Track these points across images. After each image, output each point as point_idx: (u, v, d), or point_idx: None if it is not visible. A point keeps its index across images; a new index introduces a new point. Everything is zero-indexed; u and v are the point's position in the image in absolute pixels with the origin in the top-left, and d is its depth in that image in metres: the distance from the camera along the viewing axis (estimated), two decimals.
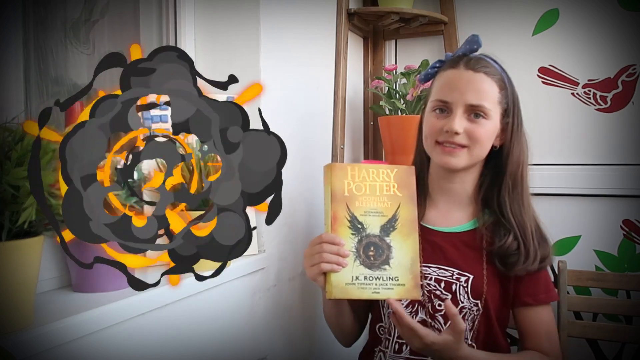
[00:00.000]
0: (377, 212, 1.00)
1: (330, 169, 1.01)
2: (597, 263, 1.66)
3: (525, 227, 1.07)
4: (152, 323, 0.94)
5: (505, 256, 1.06)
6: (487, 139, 1.07)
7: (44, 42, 1.06)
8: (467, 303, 1.06)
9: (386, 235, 1.00)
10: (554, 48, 1.69)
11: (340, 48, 1.58)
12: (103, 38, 1.21)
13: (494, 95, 1.06)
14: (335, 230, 0.98)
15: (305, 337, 1.46)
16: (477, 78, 1.05)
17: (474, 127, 1.05)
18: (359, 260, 0.98)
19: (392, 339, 1.10)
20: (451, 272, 1.08)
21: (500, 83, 1.07)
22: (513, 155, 1.10)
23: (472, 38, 1.12)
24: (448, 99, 1.06)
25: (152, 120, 1.14)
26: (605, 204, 1.64)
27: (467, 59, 1.09)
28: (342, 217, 0.99)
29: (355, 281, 0.97)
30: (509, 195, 1.09)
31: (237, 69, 1.28)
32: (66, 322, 0.77)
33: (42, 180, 0.68)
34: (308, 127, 1.49)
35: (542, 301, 1.10)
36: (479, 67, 1.06)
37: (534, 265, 1.06)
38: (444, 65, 1.12)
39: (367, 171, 1.01)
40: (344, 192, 1.00)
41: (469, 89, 1.05)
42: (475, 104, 1.04)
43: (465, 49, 1.11)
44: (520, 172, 1.10)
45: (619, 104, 1.63)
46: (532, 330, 1.10)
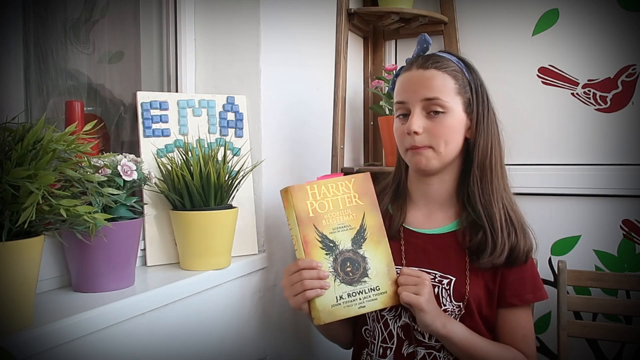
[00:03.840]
0: (345, 226, 0.99)
1: (289, 192, 0.98)
2: (597, 263, 1.66)
3: (493, 217, 1.05)
4: (152, 323, 0.94)
5: (478, 251, 1.05)
6: (452, 135, 1.05)
7: (44, 42, 1.06)
8: (450, 306, 1.05)
9: (359, 247, 0.99)
10: (553, 48, 1.69)
11: (340, 48, 1.58)
12: (103, 38, 1.21)
13: (449, 88, 1.05)
14: (309, 253, 0.96)
15: (305, 337, 1.46)
16: (427, 75, 1.05)
17: (433, 125, 1.04)
18: (339, 279, 0.97)
19: (377, 342, 1.10)
20: (433, 274, 1.06)
21: (455, 74, 1.06)
22: (479, 145, 1.07)
23: (421, 37, 1.12)
24: (403, 99, 1.06)
25: (152, 120, 1.14)
26: (605, 204, 1.64)
27: (420, 58, 1.09)
28: (312, 239, 0.97)
29: (340, 301, 0.96)
30: (477, 186, 1.07)
31: (237, 69, 1.28)
32: (66, 322, 0.77)
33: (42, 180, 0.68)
34: (308, 127, 1.49)
35: (529, 301, 1.08)
36: (430, 64, 1.06)
37: (500, 258, 1.03)
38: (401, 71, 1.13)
39: (327, 187, 1.00)
40: (309, 213, 0.98)
41: (422, 86, 1.04)
42: (430, 97, 1.03)
43: (417, 51, 1.12)
44: (488, 161, 1.07)
45: (618, 104, 1.63)
46: (510, 332, 1.08)
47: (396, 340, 1.08)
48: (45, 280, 0.91)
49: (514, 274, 1.07)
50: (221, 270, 1.10)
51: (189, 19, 1.31)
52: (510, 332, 1.08)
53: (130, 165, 0.93)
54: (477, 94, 1.08)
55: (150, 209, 1.11)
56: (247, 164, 1.22)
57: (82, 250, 0.88)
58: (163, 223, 1.12)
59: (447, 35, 1.78)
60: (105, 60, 1.22)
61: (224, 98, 1.24)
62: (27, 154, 0.70)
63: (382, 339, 1.09)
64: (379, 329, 1.10)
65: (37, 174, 0.68)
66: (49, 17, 1.08)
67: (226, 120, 1.23)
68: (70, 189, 0.78)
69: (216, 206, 1.08)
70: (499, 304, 1.08)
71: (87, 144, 0.80)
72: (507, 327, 1.08)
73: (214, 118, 1.21)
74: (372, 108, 1.83)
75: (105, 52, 1.22)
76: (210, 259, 1.08)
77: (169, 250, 1.13)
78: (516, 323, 1.08)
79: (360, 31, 1.83)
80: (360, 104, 1.88)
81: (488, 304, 1.07)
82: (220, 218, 1.08)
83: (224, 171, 1.09)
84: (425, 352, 1.06)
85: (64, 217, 0.72)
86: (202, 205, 1.07)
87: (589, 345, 1.64)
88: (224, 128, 1.22)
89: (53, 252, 0.92)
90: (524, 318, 1.09)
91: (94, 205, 0.82)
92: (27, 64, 1.01)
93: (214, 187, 1.07)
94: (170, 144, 1.15)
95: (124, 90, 1.24)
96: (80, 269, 0.90)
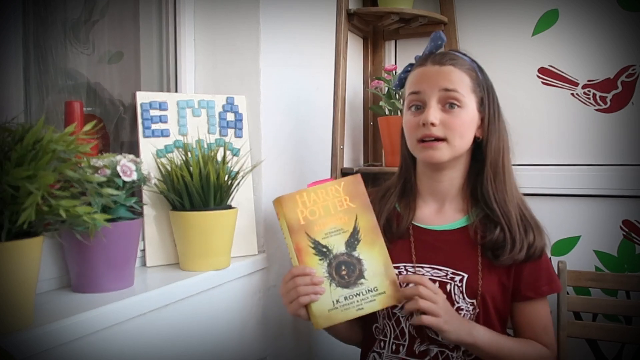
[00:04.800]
0: (338, 229, 1.00)
1: (280, 203, 1.00)
2: (596, 263, 1.66)
3: (510, 215, 1.06)
4: (152, 323, 0.94)
5: (495, 249, 1.06)
6: (466, 129, 1.06)
7: (44, 42, 1.06)
8: (463, 303, 1.05)
9: (353, 250, 0.99)
10: (553, 48, 1.69)
11: (340, 48, 1.58)
12: (103, 38, 1.21)
13: (466, 84, 1.06)
14: (302, 260, 0.98)
15: (305, 337, 1.46)
16: (445, 70, 1.06)
17: (449, 118, 1.04)
18: (334, 283, 0.97)
19: (389, 340, 1.10)
20: (445, 271, 1.07)
21: (470, 73, 1.07)
22: (491, 144, 1.09)
23: (436, 34, 1.12)
24: (419, 89, 1.06)
25: (152, 120, 1.14)
26: (605, 205, 1.64)
27: (434, 55, 1.09)
28: (305, 246, 0.98)
29: (337, 304, 0.97)
30: (491, 185, 1.08)
31: (236, 69, 1.28)
32: (66, 322, 0.77)
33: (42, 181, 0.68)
34: (308, 128, 1.49)
35: (545, 293, 1.09)
36: (446, 60, 1.07)
37: (520, 255, 1.04)
38: (413, 67, 1.13)
39: (316, 193, 1.01)
40: (300, 222, 0.99)
41: (440, 77, 1.05)
42: (450, 88, 1.04)
43: (431, 47, 1.12)
44: (501, 161, 1.09)
45: (618, 105, 1.63)
46: (530, 324, 1.09)
47: (408, 338, 1.08)
48: (45, 280, 0.91)
49: (529, 268, 1.07)
50: (221, 271, 1.10)
51: (188, 19, 1.31)
52: (530, 325, 1.09)
53: (130, 166, 0.93)
54: (489, 94, 1.10)
55: (150, 209, 1.11)
56: (247, 165, 1.22)
57: (82, 251, 0.88)
58: (162, 223, 1.12)
59: (446, 35, 1.77)
60: (104, 61, 1.23)
61: (224, 98, 1.24)
62: (26, 154, 0.70)
63: (394, 336, 1.09)
64: (390, 327, 1.10)
65: (36, 175, 0.68)
66: (49, 17, 1.08)
67: (226, 121, 1.23)
68: (69, 189, 0.77)
69: (216, 207, 1.08)
70: (515, 298, 1.09)
71: (86, 145, 0.80)
72: (526, 321, 1.10)
73: (214, 118, 1.21)
74: (372, 108, 1.83)
75: (104, 52, 1.22)
76: (210, 259, 1.08)
77: (169, 250, 1.13)
78: (535, 316, 1.10)
79: (360, 31, 1.83)
80: (360, 104, 1.88)
81: (502, 299, 1.08)
82: (220, 218, 1.08)
83: (223, 171, 1.09)
84: (438, 350, 1.06)
85: (63, 218, 0.72)
86: (201, 206, 1.07)
87: (588, 345, 1.64)
88: (223, 128, 1.22)
89: (52, 253, 0.92)
90: (542, 310, 1.10)
91: (94, 206, 0.82)
92: (26, 63, 1.01)
93: (214, 188, 1.07)
94: (169, 144, 1.15)
95: (124, 90, 1.24)
96: (80, 270, 0.90)
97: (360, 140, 1.90)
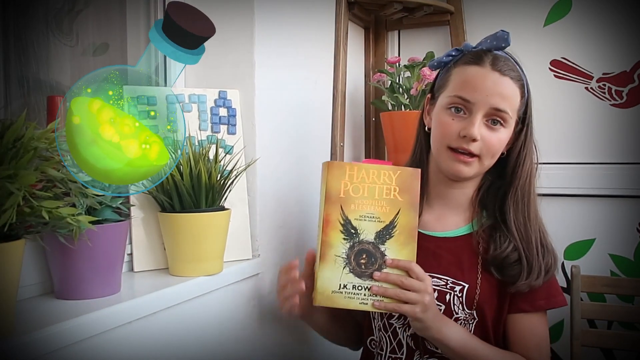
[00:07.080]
0: (374, 217, 0.99)
1: (327, 167, 1.00)
2: (612, 268, 1.67)
3: (529, 240, 1.06)
4: (139, 332, 0.95)
5: (503, 266, 1.05)
6: (499, 148, 1.07)
7: (25, 33, 1.07)
8: (462, 314, 1.05)
9: (381, 242, 0.98)
10: (566, 40, 1.70)
11: (339, 39, 1.58)
12: (87, 29, 1.21)
13: (515, 103, 1.05)
14: (327, 233, 0.97)
15: (302, 347, 1.47)
16: (503, 82, 1.03)
17: (490, 135, 1.04)
18: (349, 267, 0.97)
19: (385, 353, 1.10)
20: (445, 280, 1.07)
21: (522, 90, 1.06)
22: (525, 165, 1.09)
23: (502, 35, 1.07)
24: (470, 99, 1.03)
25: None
26: (621, 205, 1.64)
27: (494, 57, 1.05)
28: (334, 220, 0.98)
29: (343, 289, 0.96)
30: (514, 206, 1.08)
31: (229, 61, 1.28)
32: (48, 331, 0.77)
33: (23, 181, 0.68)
34: (305, 124, 1.49)
35: (542, 307, 1.08)
36: (507, 70, 1.04)
37: (538, 281, 1.04)
38: (464, 58, 1.08)
39: (367, 172, 0.99)
40: (340, 193, 0.98)
41: (495, 92, 1.02)
42: (500, 108, 1.03)
43: (490, 45, 1.07)
44: (528, 184, 1.09)
45: (635, 99, 1.64)
46: (522, 340, 1.08)
47: (406, 350, 1.08)
48: (27, 286, 0.91)
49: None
50: (213, 277, 1.11)
51: None
52: (522, 339, 1.08)
53: None
54: (528, 112, 1.10)
55: (138, 211, 1.11)
56: (241, 163, 1.22)
57: (65, 255, 0.88)
58: (151, 226, 1.13)
59: (453, 26, 1.78)
60: (89, 53, 1.23)
61: (216, 92, 1.24)
62: (6, 152, 0.70)
63: (391, 349, 1.10)
64: (386, 339, 1.10)
65: (17, 174, 0.69)
66: (30, 8, 1.09)
67: (218, 116, 1.23)
68: (52, 189, 0.78)
69: (207, 208, 1.09)
70: (510, 309, 1.08)
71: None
72: (517, 334, 1.08)
73: (205, 114, 1.22)
74: (374, 103, 1.83)
75: (89, 44, 1.23)
76: (201, 264, 1.09)
77: (157, 255, 1.14)
78: (528, 330, 1.08)
79: (361, 21, 1.84)
80: (361, 99, 1.89)
81: (499, 311, 1.08)
82: (212, 220, 1.08)
83: (215, 170, 1.09)
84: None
85: (46, 220, 0.73)
86: (192, 207, 1.08)
87: (604, 355, 1.65)
88: (215, 124, 1.23)
89: (34, 257, 0.93)
90: (538, 325, 1.09)
91: (78, 207, 0.82)
92: (6, 56, 1.01)
93: (205, 188, 1.07)
94: None
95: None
96: (64, 275, 0.90)
97: (362, 137, 1.90)
